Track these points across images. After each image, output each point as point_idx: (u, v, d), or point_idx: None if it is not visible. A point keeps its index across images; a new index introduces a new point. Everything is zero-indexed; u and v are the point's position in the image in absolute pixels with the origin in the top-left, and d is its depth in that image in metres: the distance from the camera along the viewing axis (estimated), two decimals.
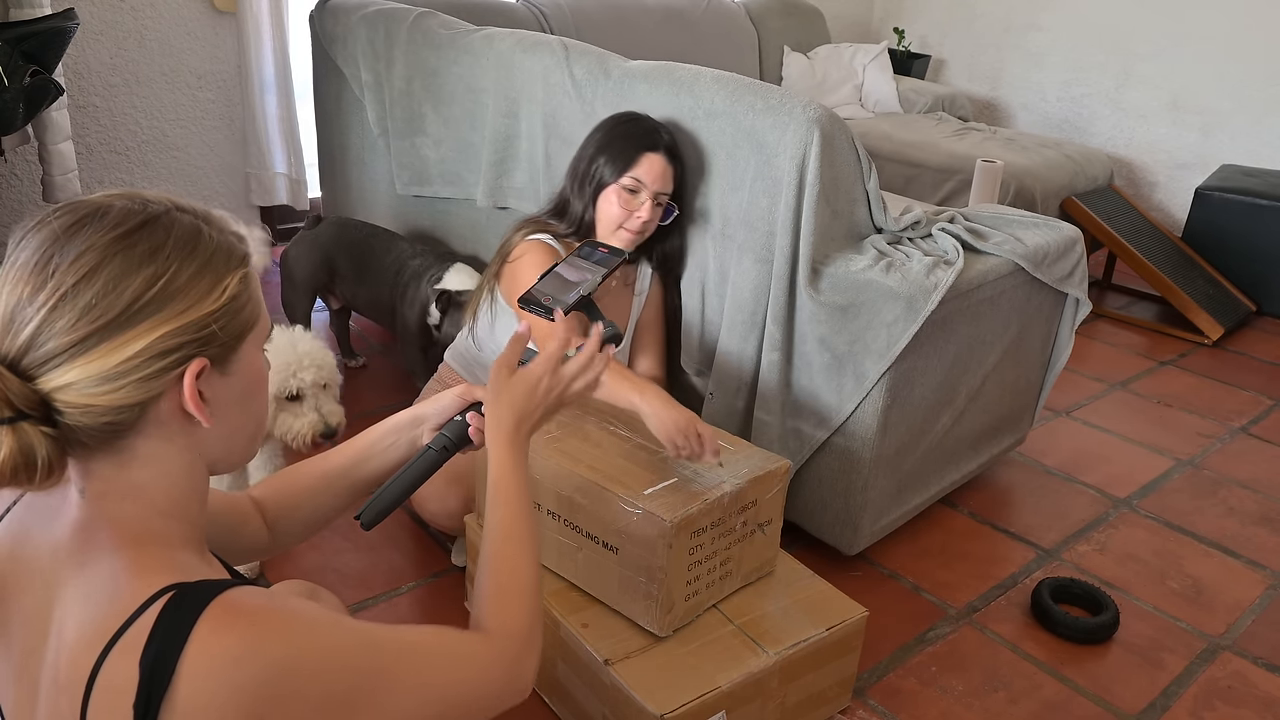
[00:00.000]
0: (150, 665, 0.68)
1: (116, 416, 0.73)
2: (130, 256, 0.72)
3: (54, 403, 0.72)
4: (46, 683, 0.75)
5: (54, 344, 0.70)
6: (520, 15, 3.30)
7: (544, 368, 1.07)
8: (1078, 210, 3.64)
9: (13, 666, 0.79)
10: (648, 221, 1.86)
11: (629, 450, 1.62)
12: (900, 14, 5.16)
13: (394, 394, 2.62)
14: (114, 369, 0.72)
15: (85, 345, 0.71)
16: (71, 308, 0.70)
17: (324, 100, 2.93)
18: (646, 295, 2.05)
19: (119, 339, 0.71)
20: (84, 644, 0.71)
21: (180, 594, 0.71)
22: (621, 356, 2.07)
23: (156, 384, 0.74)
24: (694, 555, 1.49)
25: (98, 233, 0.72)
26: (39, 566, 0.78)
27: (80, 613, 0.73)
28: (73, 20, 2.37)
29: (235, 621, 0.70)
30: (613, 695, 1.44)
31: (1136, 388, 3.06)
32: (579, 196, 1.91)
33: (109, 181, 3.26)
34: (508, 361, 1.08)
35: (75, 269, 0.71)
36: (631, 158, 1.85)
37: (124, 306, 0.71)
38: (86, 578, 0.74)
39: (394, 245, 2.47)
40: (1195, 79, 4.23)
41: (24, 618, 0.78)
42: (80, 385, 0.71)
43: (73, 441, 0.74)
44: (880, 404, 1.81)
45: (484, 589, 0.94)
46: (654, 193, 1.85)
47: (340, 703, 0.74)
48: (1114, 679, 1.79)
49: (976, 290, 1.90)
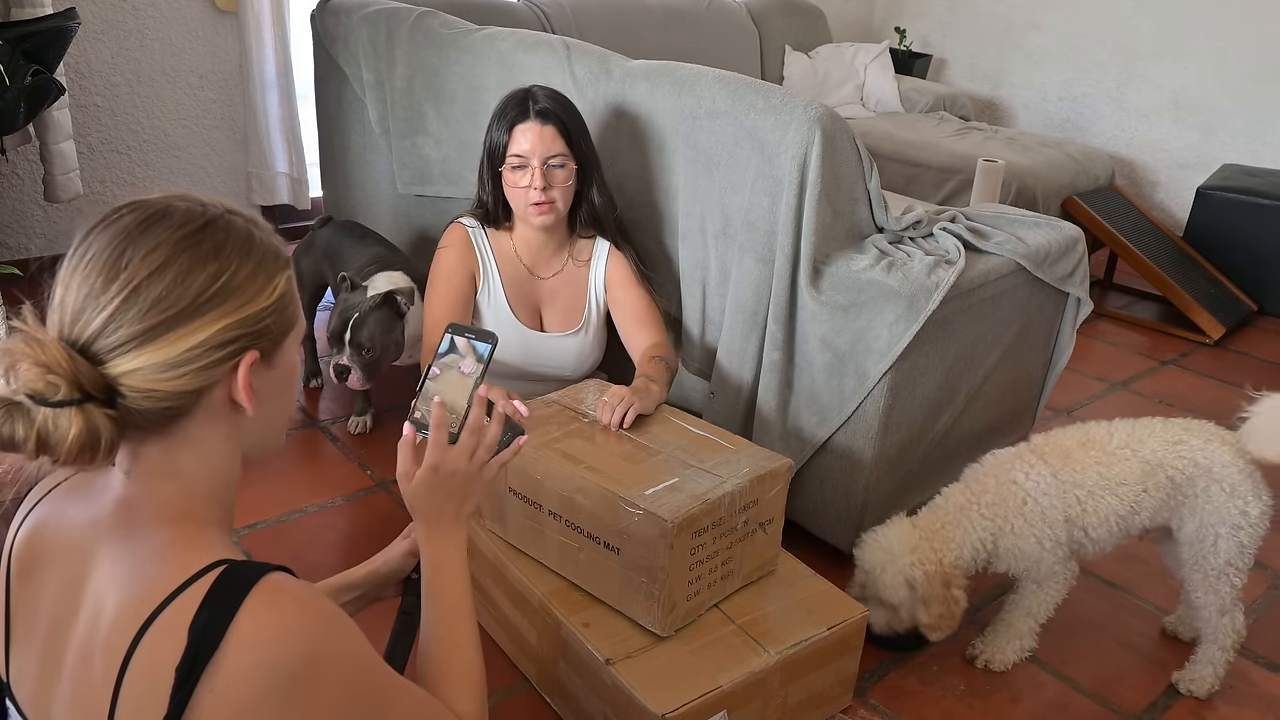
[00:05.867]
0: (200, 631, 0.72)
1: (175, 402, 0.78)
2: (196, 254, 0.77)
3: (119, 387, 0.76)
4: (75, 654, 0.78)
5: (124, 332, 0.75)
6: (522, 14, 3.29)
7: (431, 457, 1.02)
8: (1079, 210, 3.63)
9: (36, 647, 0.83)
10: (548, 190, 1.85)
11: (630, 450, 1.62)
12: (901, 13, 5.16)
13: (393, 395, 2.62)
14: (177, 357, 0.76)
15: (152, 334, 0.76)
16: (142, 299, 0.75)
17: (325, 99, 2.93)
18: (606, 273, 2.01)
19: (183, 330, 0.76)
20: (129, 610, 0.74)
21: (232, 569, 0.75)
22: (612, 340, 2.06)
23: (213, 373, 0.79)
24: (695, 555, 1.49)
25: (167, 230, 0.77)
26: (76, 542, 0.82)
27: (124, 581, 0.76)
28: (74, 20, 2.37)
29: (284, 601, 0.75)
30: (614, 695, 1.44)
31: (1138, 387, 3.05)
32: (483, 188, 1.95)
33: (110, 181, 3.26)
34: (404, 473, 1.04)
35: (147, 264, 0.76)
36: (506, 135, 1.86)
37: (190, 300, 0.76)
38: (129, 549, 0.78)
39: (365, 250, 2.43)
40: (1197, 78, 4.23)
41: (55, 591, 0.81)
42: (145, 371, 0.76)
43: (129, 424, 0.78)
44: (882, 403, 1.81)
45: (438, 675, 0.98)
46: (543, 160, 1.83)
47: (357, 702, 0.79)
48: (1115, 679, 1.79)
49: (978, 290, 1.89)
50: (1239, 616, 1.70)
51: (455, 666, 0.98)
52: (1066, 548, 1.67)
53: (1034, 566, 1.67)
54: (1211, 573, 1.65)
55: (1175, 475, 1.64)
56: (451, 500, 1.03)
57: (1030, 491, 1.64)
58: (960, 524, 1.66)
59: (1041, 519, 1.63)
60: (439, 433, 1.02)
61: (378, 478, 2.27)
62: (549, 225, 1.90)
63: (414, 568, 1.15)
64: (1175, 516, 1.68)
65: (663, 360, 1.87)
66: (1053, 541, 1.64)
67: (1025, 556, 1.66)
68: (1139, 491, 1.64)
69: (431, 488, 1.02)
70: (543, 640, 1.61)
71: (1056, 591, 1.71)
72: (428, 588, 1.02)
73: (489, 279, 1.98)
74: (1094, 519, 1.64)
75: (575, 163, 1.88)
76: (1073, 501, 1.64)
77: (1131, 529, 1.68)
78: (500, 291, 1.98)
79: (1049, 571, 1.68)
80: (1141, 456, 1.65)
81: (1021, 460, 1.67)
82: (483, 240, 1.98)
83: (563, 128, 1.85)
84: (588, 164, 1.91)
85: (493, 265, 1.98)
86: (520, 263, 2.00)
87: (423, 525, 1.03)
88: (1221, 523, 1.63)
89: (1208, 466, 1.63)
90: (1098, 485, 1.64)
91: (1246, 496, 1.62)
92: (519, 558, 1.67)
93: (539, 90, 1.88)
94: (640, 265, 2.00)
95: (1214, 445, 1.64)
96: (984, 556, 1.67)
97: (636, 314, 1.97)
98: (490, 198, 1.94)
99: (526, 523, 1.65)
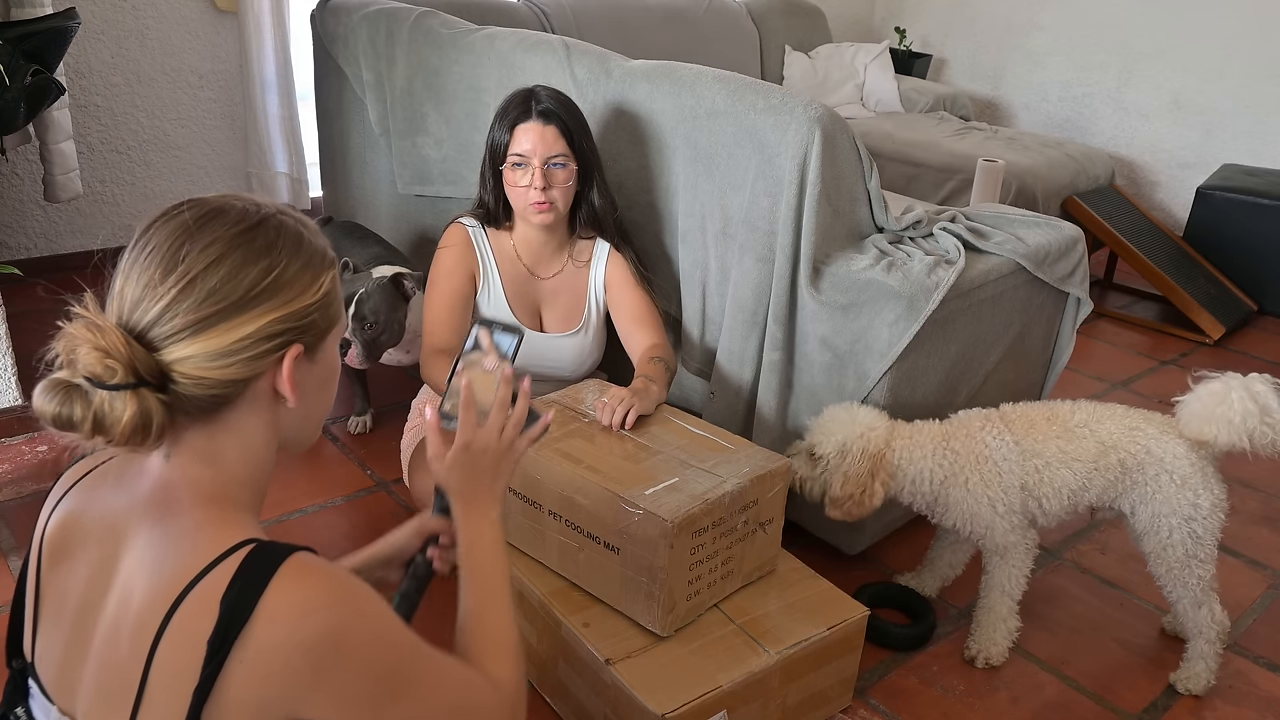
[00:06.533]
0: (231, 605, 0.75)
1: (223, 390, 0.82)
2: (250, 250, 0.81)
3: (172, 373, 0.80)
4: (103, 634, 0.81)
5: (179, 321, 0.79)
6: (522, 14, 3.29)
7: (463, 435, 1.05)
8: (1079, 210, 3.63)
9: (64, 630, 0.85)
10: (549, 190, 1.85)
11: (630, 450, 1.62)
12: (901, 13, 5.16)
13: (393, 393, 2.62)
14: (228, 347, 0.80)
15: (206, 324, 0.79)
16: (198, 290, 0.79)
17: (325, 99, 2.93)
18: (606, 274, 2.01)
19: (235, 321, 0.80)
20: (163, 585, 0.78)
21: (261, 547, 0.78)
22: (612, 340, 2.06)
23: (261, 363, 0.83)
24: (695, 555, 1.49)
25: (223, 226, 0.82)
26: (110, 523, 0.85)
27: (158, 558, 0.80)
28: (74, 19, 2.37)
29: (312, 576, 0.78)
30: (614, 695, 1.44)
31: (1138, 387, 3.05)
32: (485, 187, 1.95)
33: (110, 181, 3.26)
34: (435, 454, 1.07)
35: (204, 257, 0.80)
36: (508, 135, 1.86)
37: (243, 293, 0.80)
38: (165, 528, 0.81)
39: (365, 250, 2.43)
40: (1197, 78, 4.23)
41: (87, 574, 0.84)
42: (197, 359, 0.79)
43: (179, 410, 0.82)
44: (882, 403, 1.81)
45: (474, 646, 0.99)
46: (544, 160, 1.84)
47: (384, 676, 0.81)
48: (1115, 678, 1.79)
49: (978, 290, 1.89)
50: (1216, 608, 1.71)
51: (493, 636, 1.00)
52: (1020, 515, 1.71)
53: (987, 532, 1.70)
54: (1175, 565, 1.68)
55: (1126, 459, 1.68)
56: (484, 477, 1.06)
57: (993, 453, 1.68)
58: (923, 448, 1.69)
59: (998, 481, 1.67)
60: (468, 412, 1.05)
61: (377, 478, 2.27)
62: (548, 224, 1.90)
63: (419, 549, 1.15)
64: (1125, 500, 1.71)
65: (662, 361, 1.87)
66: (1005, 507, 1.68)
67: (976, 518, 1.69)
68: (1090, 469, 1.68)
69: (465, 466, 1.05)
70: (543, 640, 1.61)
71: (1021, 562, 1.74)
72: (464, 562, 1.04)
73: (489, 279, 1.98)
74: (1049, 490, 1.68)
75: (576, 163, 1.88)
76: (1031, 470, 1.68)
77: (1080, 505, 1.72)
78: (500, 291, 1.98)
79: (1005, 540, 1.71)
80: (1098, 436, 1.69)
81: (990, 423, 1.72)
82: (483, 240, 1.98)
83: (565, 128, 1.85)
84: (589, 165, 1.91)
85: (493, 265, 1.98)
86: (520, 263, 2.00)
87: (458, 503, 1.06)
88: (1173, 513, 1.66)
89: (1159, 456, 1.66)
90: (1055, 458, 1.68)
91: (1197, 489, 1.65)
92: (519, 558, 1.67)
93: (542, 90, 1.88)
94: (640, 266, 2.00)
95: (1169, 437, 1.68)
96: (926, 493, 1.70)
97: (636, 315, 1.97)
98: (491, 197, 1.95)
99: (526, 523, 1.65)
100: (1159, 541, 1.68)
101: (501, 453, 1.07)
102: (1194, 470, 1.65)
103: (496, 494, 1.07)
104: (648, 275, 2.01)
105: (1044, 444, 1.69)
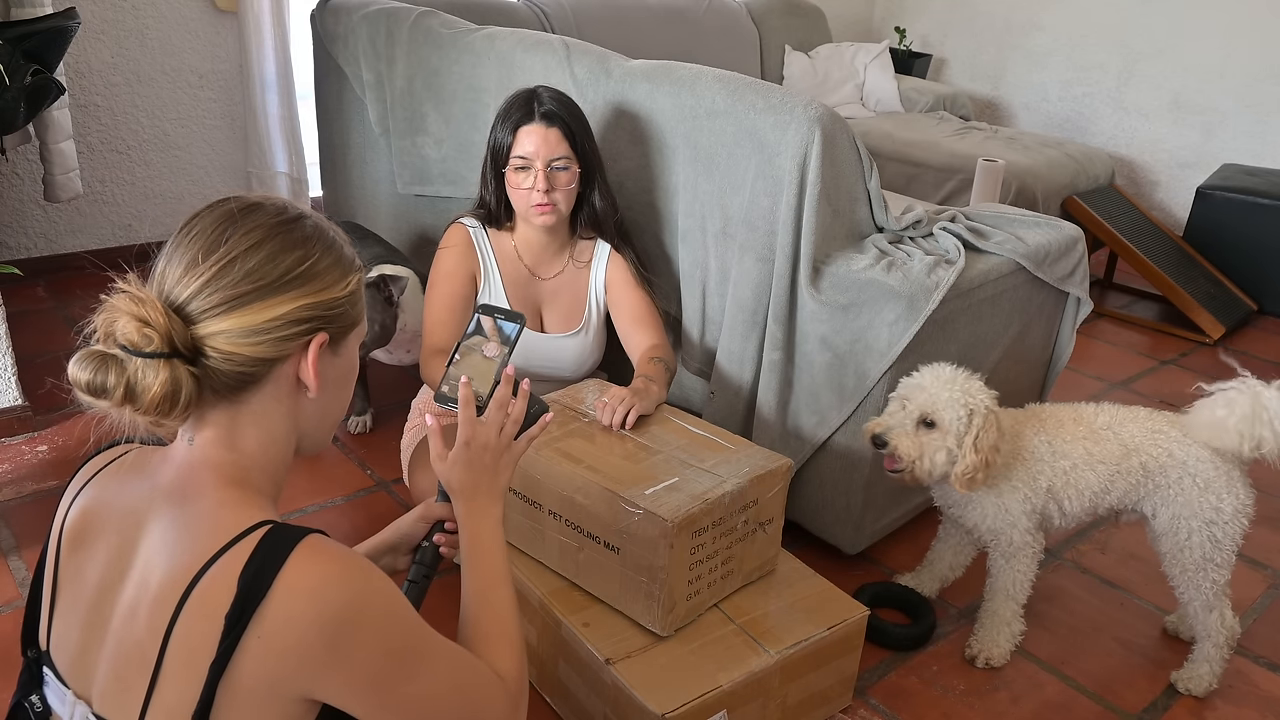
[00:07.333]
0: (249, 581, 0.77)
1: (251, 368, 0.86)
2: (288, 239, 0.87)
3: (204, 346, 0.84)
4: (120, 616, 0.84)
5: (217, 296, 0.84)
6: (522, 14, 3.29)
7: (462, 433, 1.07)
8: (1079, 209, 3.63)
9: (80, 615, 0.88)
10: (551, 193, 1.85)
11: (630, 450, 1.62)
12: (901, 13, 5.16)
13: (394, 393, 2.62)
14: (260, 325, 0.85)
15: (241, 301, 0.84)
16: (236, 270, 0.84)
17: (325, 99, 2.93)
18: (606, 275, 2.01)
19: (269, 301, 0.85)
20: (182, 563, 0.80)
21: (277, 528, 0.82)
22: (612, 340, 2.06)
23: (288, 346, 0.87)
24: (695, 555, 1.49)
25: (265, 216, 0.88)
26: (130, 509, 0.88)
27: (178, 538, 0.83)
28: (74, 19, 2.37)
29: (327, 555, 0.81)
30: (614, 694, 1.44)
31: (1138, 387, 3.05)
32: (486, 188, 1.95)
33: (110, 181, 3.26)
34: (438, 455, 1.09)
35: (245, 240, 0.85)
36: (511, 136, 1.85)
37: (277, 276, 0.85)
38: (185, 510, 0.85)
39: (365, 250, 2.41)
40: (1197, 78, 4.23)
41: (106, 559, 0.87)
42: (230, 334, 0.84)
43: (206, 386, 0.85)
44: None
45: (477, 640, 1.01)
46: (546, 162, 1.83)
47: (397, 655, 0.83)
48: (1115, 678, 1.79)
49: (978, 289, 1.89)
50: (1228, 613, 1.70)
51: (495, 630, 1.02)
52: (1039, 517, 1.71)
53: (1006, 531, 1.70)
54: (1190, 567, 1.67)
55: (1148, 462, 1.67)
56: (485, 475, 1.07)
57: (1033, 451, 1.68)
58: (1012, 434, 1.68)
59: (1031, 482, 1.67)
60: (467, 409, 1.06)
61: (377, 477, 2.27)
62: (550, 225, 1.90)
63: (425, 535, 1.15)
64: (1147, 503, 1.71)
65: (662, 361, 1.87)
66: (1031, 506, 1.68)
67: (1005, 512, 1.68)
68: (1114, 471, 1.67)
69: (465, 464, 1.07)
70: (543, 640, 1.61)
71: (1027, 566, 1.74)
72: (467, 558, 1.06)
73: (489, 279, 1.98)
74: (1073, 491, 1.68)
75: (579, 166, 1.88)
76: (1059, 471, 1.68)
77: (1099, 507, 1.71)
78: (501, 292, 1.98)
79: (1021, 541, 1.71)
80: (1121, 439, 1.69)
81: (1031, 420, 1.73)
82: (483, 240, 1.98)
83: (567, 130, 1.85)
84: (591, 167, 1.91)
85: (493, 265, 1.98)
86: (521, 263, 2.00)
87: (459, 501, 1.08)
88: (1194, 516, 1.65)
89: (1182, 459, 1.66)
90: (1082, 459, 1.68)
91: (1220, 492, 1.64)
92: (519, 557, 1.67)
93: (544, 92, 1.88)
94: (640, 267, 2.00)
95: (1192, 440, 1.67)
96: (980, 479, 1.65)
97: (636, 315, 1.97)
98: (493, 198, 1.95)
99: (526, 522, 1.65)
100: (1177, 543, 1.67)
101: (500, 451, 1.08)
102: (1218, 474, 1.64)
103: (497, 492, 1.09)
104: (648, 275, 2.02)
105: (1072, 445, 1.68)
